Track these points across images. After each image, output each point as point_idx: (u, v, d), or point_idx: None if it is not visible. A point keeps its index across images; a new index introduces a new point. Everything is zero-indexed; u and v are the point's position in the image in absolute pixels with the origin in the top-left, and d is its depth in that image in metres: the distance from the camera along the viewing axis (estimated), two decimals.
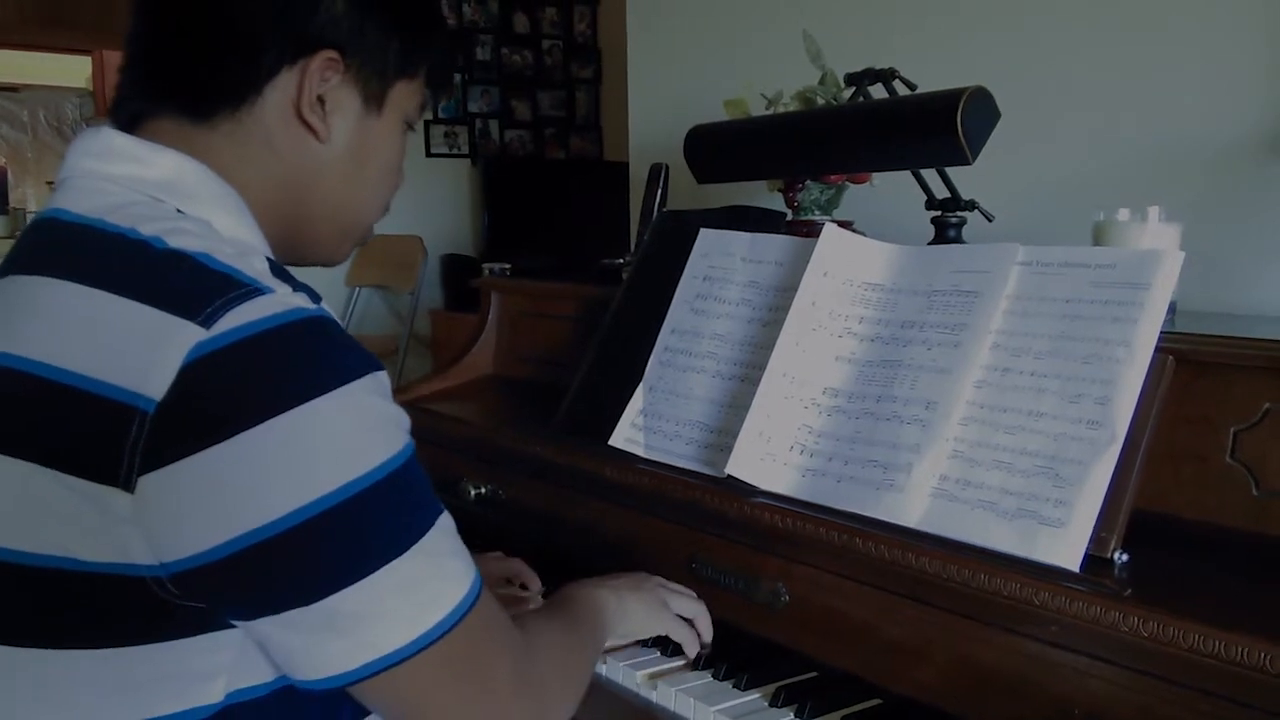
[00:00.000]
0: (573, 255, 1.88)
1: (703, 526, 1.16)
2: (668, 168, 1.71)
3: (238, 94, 0.79)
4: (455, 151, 4.64)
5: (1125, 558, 0.88)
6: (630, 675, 1.05)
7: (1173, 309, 1.15)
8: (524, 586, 1.25)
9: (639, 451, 1.25)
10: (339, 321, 0.72)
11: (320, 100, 0.81)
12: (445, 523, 0.73)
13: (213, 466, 0.64)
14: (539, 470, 1.40)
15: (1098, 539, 0.88)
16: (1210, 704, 0.77)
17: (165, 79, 0.79)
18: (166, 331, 0.65)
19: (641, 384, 1.29)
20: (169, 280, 0.68)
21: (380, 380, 0.72)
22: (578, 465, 1.32)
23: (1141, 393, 0.91)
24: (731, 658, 1.06)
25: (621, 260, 1.77)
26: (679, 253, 1.33)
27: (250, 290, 0.67)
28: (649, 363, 1.29)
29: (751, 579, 1.10)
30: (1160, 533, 0.94)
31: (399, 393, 1.76)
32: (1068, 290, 1.00)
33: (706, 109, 1.64)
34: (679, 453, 1.22)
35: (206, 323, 0.65)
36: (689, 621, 1.08)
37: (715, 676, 1.03)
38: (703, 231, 1.32)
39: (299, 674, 0.70)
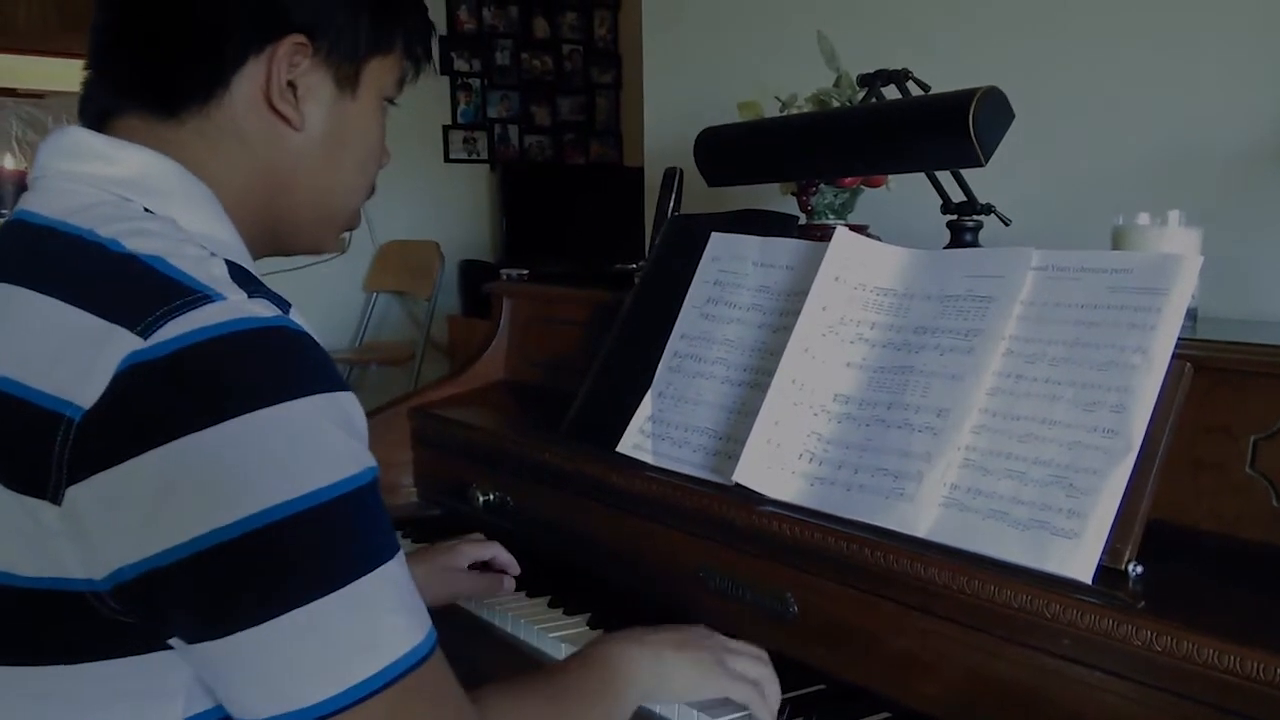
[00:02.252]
0: (592, 261, 1.87)
1: (711, 535, 1.14)
2: (682, 172, 1.70)
3: (204, 88, 0.76)
4: (474, 157, 4.65)
5: (1140, 570, 0.86)
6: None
7: (1193, 315, 1.13)
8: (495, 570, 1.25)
9: (647, 459, 1.24)
10: (306, 332, 0.68)
11: (291, 86, 0.78)
12: (393, 571, 0.67)
13: (133, 479, 0.61)
14: (548, 477, 1.38)
15: (1112, 550, 0.86)
16: None
17: (128, 76, 0.77)
18: (103, 340, 0.63)
19: (650, 390, 1.27)
20: (115, 285, 0.65)
21: (336, 402, 0.67)
22: (585, 472, 1.30)
23: (1158, 401, 0.89)
24: None
25: (634, 265, 1.76)
26: (690, 257, 1.32)
27: (198, 298, 0.65)
28: (658, 368, 1.28)
29: (760, 589, 1.09)
30: (1177, 544, 0.91)
31: (413, 398, 1.75)
32: (1083, 295, 0.97)
33: (722, 113, 1.63)
34: (687, 460, 1.20)
35: (145, 332, 0.63)
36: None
37: None
38: (714, 236, 1.31)
39: (228, 708, 0.66)
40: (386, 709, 0.65)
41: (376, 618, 0.66)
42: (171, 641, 0.66)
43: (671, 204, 1.71)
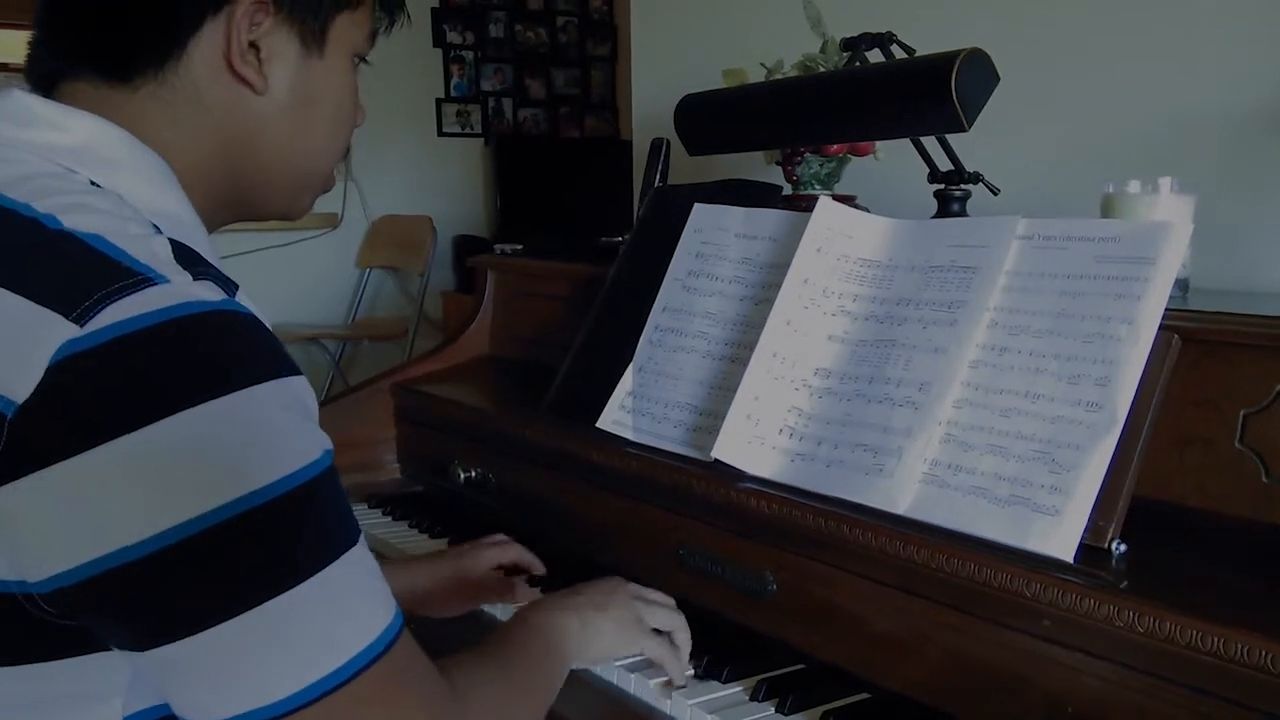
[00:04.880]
0: (587, 236, 1.84)
1: (690, 512, 1.12)
2: (668, 143, 1.66)
3: (157, 52, 0.72)
4: (467, 131, 4.60)
5: (1123, 548, 0.83)
6: (608, 665, 1.01)
7: (1185, 286, 1.10)
8: (518, 571, 1.21)
9: (627, 434, 1.21)
10: (254, 316, 0.65)
11: (254, 48, 0.74)
12: (356, 555, 0.64)
13: (71, 480, 0.57)
14: (529, 454, 1.36)
15: (1094, 528, 0.83)
16: (1209, 704, 0.72)
17: (76, 39, 0.73)
18: (36, 327, 0.59)
19: (631, 364, 1.25)
20: (50, 268, 0.61)
21: (286, 387, 0.63)
22: (566, 448, 1.28)
23: (1145, 373, 0.86)
24: (716, 649, 1.02)
25: (620, 238, 1.73)
26: (673, 229, 1.29)
27: (139, 280, 0.60)
28: (639, 342, 1.25)
29: (739, 567, 1.06)
30: (1163, 522, 0.89)
31: (396, 373, 1.73)
32: (1070, 265, 0.94)
33: (710, 82, 1.59)
34: (667, 435, 1.17)
35: (80, 319, 0.58)
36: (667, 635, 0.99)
37: (696, 668, 0.99)
38: (696, 207, 1.28)
39: (176, 711, 0.63)
40: (360, 696, 0.63)
41: (342, 607, 0.63)
42: (114, 646, 0.63)
43: (658, 175, 1.67)
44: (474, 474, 1.48)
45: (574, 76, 4.95)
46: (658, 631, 0.99)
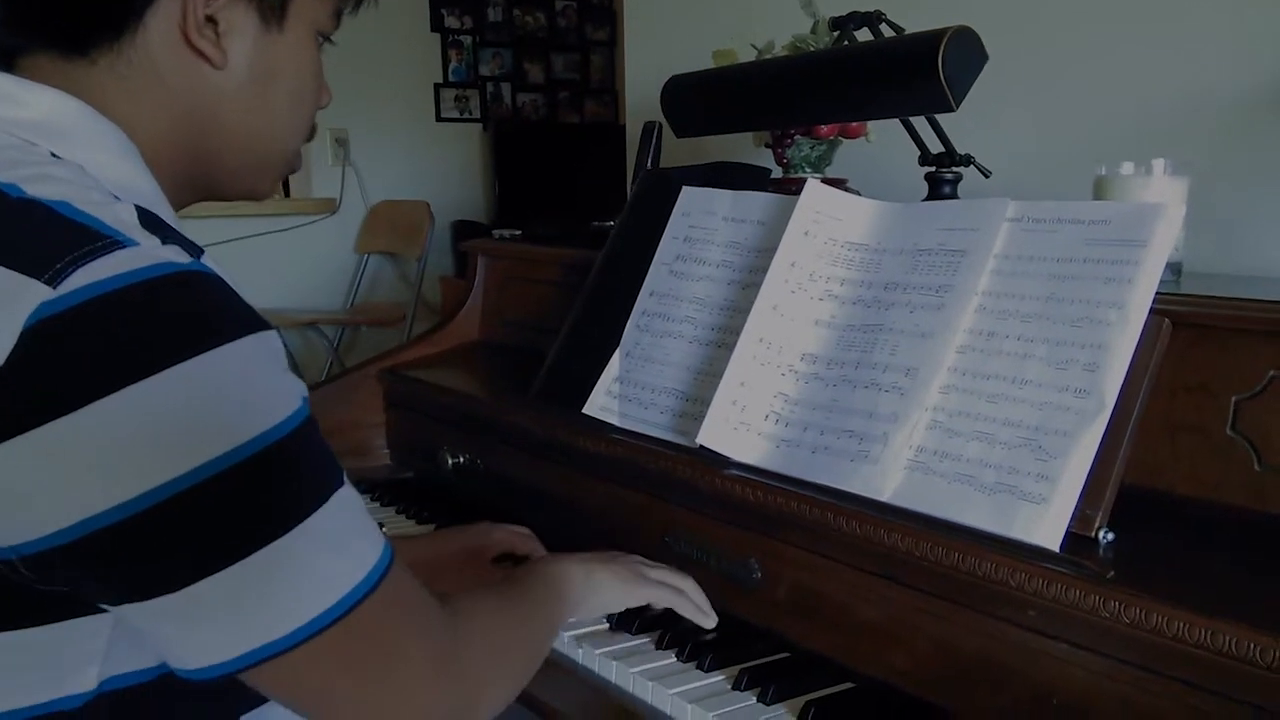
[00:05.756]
0: (583, 221, 1.82)
1: (676, 499, 1.10)
2: (660, 126, 1.64)
3: (113, 23, 0.71)
4: (466, 116, 4.56)
5: (1111, 537, 0.82)
6: (589, 654, 1.00)
7: (1178, 270, 1.08)
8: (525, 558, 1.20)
9: (614, 420, 1.20)
10: (223, 278, 0.64)
11: (211, 22, 0.73)
12: (343, 496, 0.66)
13: (56, 443, 0.57)
14: (516, 439, 1.35)
15: (1081, 517, 0.82)
16: (1196, 697, 0.71)
17: (33, 11, 0.72)
18: (9, 291, 0.58)
19: (618, 350, 1.23)
20: (17, 233, 0.61)
21: (264, 341, 0.64)
22: (553, 435, 1.26)
23: (1134, 358, 0.84)
24: (699, 637, 1.00)
25: (611, 223, 1.71)
26: (661, 213, 1.27)
27: (109, 243, 0.60)
28: (626, 328, 1.23)
29: (724, 554, 1.05)
30: (1153, 510, 0.87)
31: (386, 358, 1.71)
32: (1059, 248, 0.93)
33: (702, 64, 1.57)
34: (653, 421, 1.16)
35: (53, 281, 0.58)
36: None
37: (679, 657, 0.98)
38: (684, 190, 1.26)
39: (176, 663, 0.64)
40: (358, 627, 0.64)
41: (335, 545, 0.64)
42: (107, 605, 0.63)
43: (650, 159, 1.65)
44: (462, 460, 1.47)
45: (573, 61, 4.91)
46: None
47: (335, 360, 3.97)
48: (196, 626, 0.62)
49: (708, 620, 1.01)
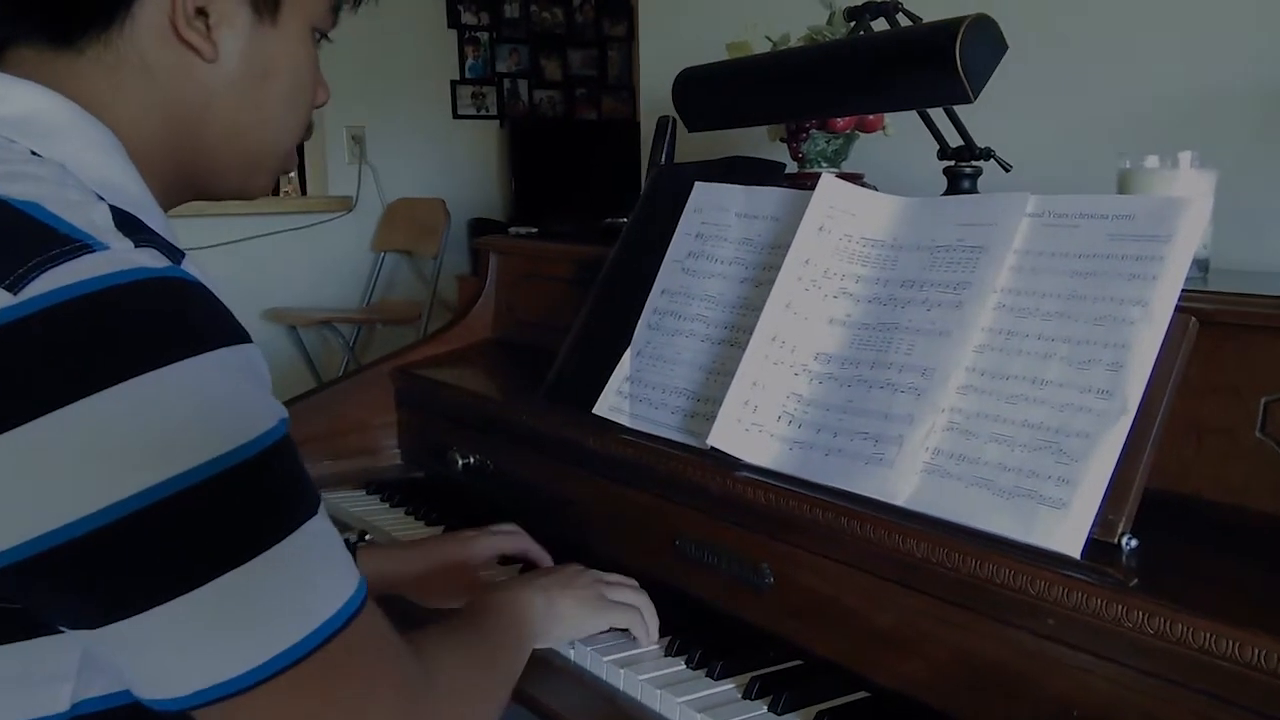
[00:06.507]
0: (601, 218, 1.80)
1: (687, 501, 1.08)
2: (674, 121, 1.62)
3: (103, 13, 0.69)
4: (483, 113, 4.56)
5: (1134, 543, 0.79)
6: (597, 660, 0.97)
7: (1205, 266, 1.05)
8: (523, 563, 1.18)
9: (624, 420, 1.18)
10: (203, 284, 0.62)
11: (201, 14, 0.71)
12: (314, 527, 0.62)
13: (12, 455, 0.55)
14: (526, 440, 1.33)
15: (1104, 522, 0.79)
16: (1223, 711, 0.68)
17: (20, 1, 0.70)
18: None
19: (629, 349, 1.21)
20: None
21: (239, 355, 0.61)
22: (562, 435, 1.24)
23: (1159, 358, 0.81)
24: (709, 643, 0.98)
25: (625, 219, 1.68)
26: (674, 209, 1.25)
27: (77, 247, 0.58)
28: (637, 326, 1.21)
29: (735, 558, 1.03)
30: (1178, 515, 0.84)
31: (396, 357, 1.70)
32: (1081, 244, 0.90)
33: (717, 57, 1.54)
34: (664, 422, 1.14)
35: (14, 287, 0.56)
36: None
37: (689, 664, 0.95)
38: (697, 185, 1.24)
39: (134, 690, 0.61)
40: (325, 668, 0.61)
41: (303, 579, 0.61)
42: (63, 627, 0.61)
43: (664, 155, 1.63)
44: (472, 460, 1.45)
45: (591, 57, 4.89)
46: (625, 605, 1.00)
47: (351, 359, 3.97)
48: (149, 658, 0.59)
49: (648, 642, 0.99)
